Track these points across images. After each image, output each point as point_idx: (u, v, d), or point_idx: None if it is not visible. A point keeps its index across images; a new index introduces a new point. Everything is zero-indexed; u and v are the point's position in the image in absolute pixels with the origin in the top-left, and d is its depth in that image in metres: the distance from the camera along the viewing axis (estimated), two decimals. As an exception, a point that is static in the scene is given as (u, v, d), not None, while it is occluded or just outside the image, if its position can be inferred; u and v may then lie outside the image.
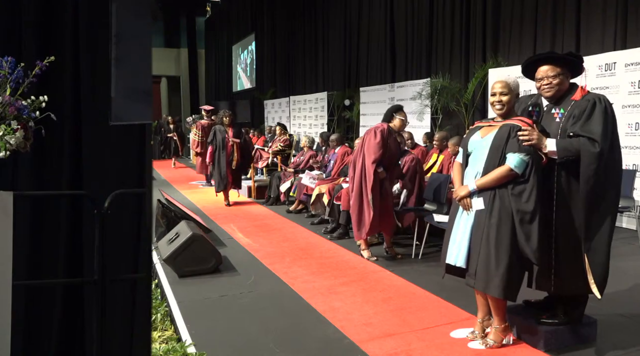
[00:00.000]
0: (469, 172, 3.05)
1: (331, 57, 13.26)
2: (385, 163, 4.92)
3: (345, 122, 12.08)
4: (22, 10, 2.58)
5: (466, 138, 3.13)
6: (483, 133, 3.03)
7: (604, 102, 2.84)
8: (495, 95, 2.96)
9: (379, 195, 4.89)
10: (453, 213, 3.12)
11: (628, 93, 5.67)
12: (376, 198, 4.85)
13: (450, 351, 3.08)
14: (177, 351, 3.08)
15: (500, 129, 2.93)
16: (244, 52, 20.54)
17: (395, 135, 5.08)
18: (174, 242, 4.60)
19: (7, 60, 2.39)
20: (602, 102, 2.83)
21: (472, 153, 3.06)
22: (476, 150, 3.03)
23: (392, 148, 4.98)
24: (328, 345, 3.21)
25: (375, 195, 4.83)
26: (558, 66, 2.95)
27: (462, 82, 8.46)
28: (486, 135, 3.00)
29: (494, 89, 2.98)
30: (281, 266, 4.90)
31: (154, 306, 3.79)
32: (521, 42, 7.48)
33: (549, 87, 2.96)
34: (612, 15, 6.19)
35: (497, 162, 2.89)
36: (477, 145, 3.02)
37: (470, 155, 3.08)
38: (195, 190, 10.09)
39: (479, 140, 3.02)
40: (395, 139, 5.08)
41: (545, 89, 2.98)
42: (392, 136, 5.01)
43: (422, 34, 9.57)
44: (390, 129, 4.98)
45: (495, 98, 2.96)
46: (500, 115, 3.00)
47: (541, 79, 2.99)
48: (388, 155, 4.93)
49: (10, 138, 2.32)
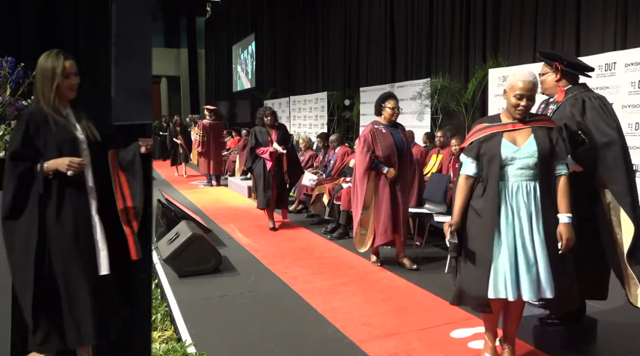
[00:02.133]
0: (513, 188, 2.58)
1: (331, 57, 13.25)
2: (385, 163, 4.60)
3: (345, 122, 12.07)
4: (22, 10, 2.59)
5: (490, 148, 2.61)
6: (515, 140, 2.60)
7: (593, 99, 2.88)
8: (522, 99, 2.56)
9: (384, 201, 4.60)
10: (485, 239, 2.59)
11: (628, 94, 5.66)
12: (380, 204, 4.61)
13: (450, 351, 3.08)
14: (177, 351, 3.08)
15: (537, 135, 2.59)
16: (244, 52, 20.53)
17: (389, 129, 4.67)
18: (174, 242, 4.60)
19: (7, 60, 2.39)
20: (592, 100, 2.87)
21: (509, 166, 2.58)
22: (516, 161, 2.57)
23: (385, 145, 4.60)
24: (328, 345, 3.21)
25: (379, 202, 4.61)
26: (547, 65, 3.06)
27: (462, 82, 8.45)
28: (523, 142, 2.59)
29: (520, 90, 2.56)
30: (281, 266, 4.90)
31: (154, 306, 3.79)
32: (521, 42, 7.47)
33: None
34: (612, 15, 6.19)
35: (551, 173, 2.61)
36: (516, 155, 2.57)
37: (507, 167, 2.58)
38: (195, 190, 10.09)
39: (516, 150, 2.57)
40: (389, 134, 4.65)
41: None
42: (383, 132, 4.64)
43: (422, 34, 9.56)
44: (375, 127, 4.65)
45: (522, 103, 2.57)
46: (520, 118, 2.62)
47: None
48: (384, 154, 4.59)
49: (10, 138, 2.32)
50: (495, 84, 7.49)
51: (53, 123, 2.33)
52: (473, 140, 2.68)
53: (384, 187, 4.63)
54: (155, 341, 3.33)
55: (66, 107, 2.41)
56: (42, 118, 2.32)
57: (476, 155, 2.66)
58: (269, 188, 6.29)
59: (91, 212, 2.40)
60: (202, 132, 10.16)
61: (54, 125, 2.33)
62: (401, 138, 4.73)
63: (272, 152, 6.25)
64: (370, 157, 4.60)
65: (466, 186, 2.68)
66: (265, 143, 6.30)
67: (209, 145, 10.22)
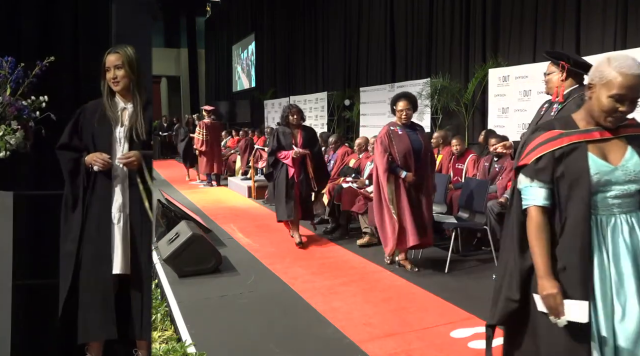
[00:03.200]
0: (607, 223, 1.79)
1: (331, 57, 13.25)
2: (402, 165, 4.51)
3: (345, 122, 12.07)
4: (22, 10, 2.58)
5: (572, 166, 1.78)
6: (606, 155, 1.80)
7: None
8: (622, 101, 1.72)
9: (405, 206, 4.49)
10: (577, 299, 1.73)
11: (628, 93, 5.67)
12: (402, 209, 4.49)
13: (450, 351, 3.08)
14: (177, 351, 3.08)
15: (635, 147, 1.81)
16: (244, 52, 20.53)
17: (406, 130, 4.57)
18: (174, 242, 4.60)
19: (7, 60, 2.39)
20: None
21: (601, 193, 1.78)
22: (613, 186, 1.78)
23: (401, 147, 4.52)
24: (328, 345, 3.21)
25: (400, 206, 4.49)
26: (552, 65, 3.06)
27: (462, 82, 8.45)
28: (618, 159, 1.79)
29: (620, 89, 1.71)
30: (281, 266, 4.90)
31: (154, 306, 3.79)
32: (521, 42, 7.47)
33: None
34: (612, 15, 6.19)
35: None
36: (611, 177, 1.77)
37: (597, 194, 1.78)
38: (195, 190, 10.09)
39: (611, 169, 1.77)
40: (406, 135, 4.56)
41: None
42: (400, 133, 4.57)
43: (422, 34, 9.56)
44: (391, 128, 4.60)
45: (622, 108, 1.73)
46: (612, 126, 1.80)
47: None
48: (400, 156, 4.51)
49: (10, 138, 2.33)
50: (495, 84, 7.50)
51: (99, 117, 2.44)
52: (543, 154, 1.81)
53: (403, 192, 4.53)
54: (155, 341, 3.32)
55: (127, 103, 2.48)
56: (93, 111, 2.45)
57: (551, 177, 1.81)
58: (291, 198, 5.53)
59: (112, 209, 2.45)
60: (205, 131, 10.17)
61: (98, 119, 2.44)
62: (419, 140, 4.61)
63: (294, 157, 5.50)
64: (388, 158, 4.52)
65: (545, 223, 1.80)
66: (289, 145, 5.55)
67: (212, 144, 10.25)
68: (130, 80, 2.44)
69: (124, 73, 2.42)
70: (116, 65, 2.41)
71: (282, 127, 5.72)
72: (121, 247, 2.42)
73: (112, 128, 2.44)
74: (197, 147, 10.31)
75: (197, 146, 10.30)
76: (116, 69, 2.42)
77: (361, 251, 5.30)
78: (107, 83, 2.44)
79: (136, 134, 2.44)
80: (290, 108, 5.68)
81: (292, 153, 5.49)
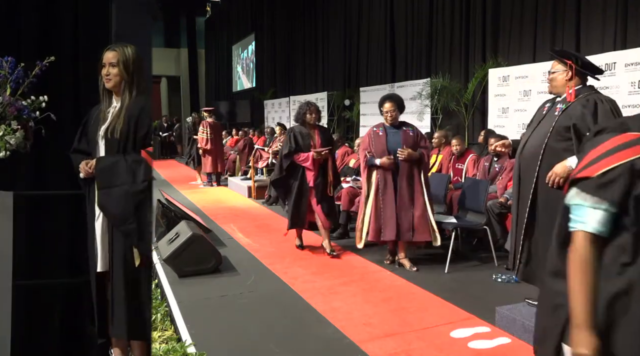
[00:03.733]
0: None
1: (331, 57, 13.25)
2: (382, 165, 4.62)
3: (345, 122, 12.07)
4: (22, 10, 2.58)
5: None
6: None
7: (605, 102, 2.87)
8: None
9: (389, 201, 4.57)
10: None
11: (628, 94, 5.66)
12: (386, 202, 4.58)
13: (450, 351, 3.08)
14: (177, 351, 3.08)
15: None
16: (244, 52, 20.52)
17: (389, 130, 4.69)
18: (174, 242, 4.60)
19: (7, 60, 2.39)
20: (604, 103, 2.86)
21: None
22: None
23: (377, 147, 4.65)
24: (328, 345, 3.21)
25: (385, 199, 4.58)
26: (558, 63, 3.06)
27: (462, 82, 8.45)
28: None
29: None
30: (281, 266, 4.90)
31: (154, 306, 3.79)
32: (521, 42, 7.47)
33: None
34: (612, 15, 6.19)
35: None
36: None
37: None
38: (195, 190, 10.09)
39: None
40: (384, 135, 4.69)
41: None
42: (379, 134, 4.70)
43: (422, 34, 9.56)
44: (374, 129, 4.77)
45: None
46: None
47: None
48: (377, 155, 4.64)
49: (10, 138, 2.33)
50: (495, 84, 7.50)
51: (95, 116, 2.47)
52: (615, 165, 1.35)
53: (389, 187, 4.61)
54: (155, 341, 3.33)
55: (117, 101, 2.48)
56: (96, 113, 2.48)
57: (621, 197, 1.35)
58: (305, 205, 5.16)
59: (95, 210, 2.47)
60: (209, 129, 10.18)
61: (94, 121, 2.47)
62: (398, 141, 4.65)
63: (315, 158, 5.02)
64: (366, 155, 4.76)
65: (594, 256, 1.38)
66: (307, 147, 5.04)
67: (216, 143, 10.26)
68: (123, 79, 2.43)
69: (116, 71, 2.42)
70: (111, 63, 2.42)
71: (298, 126, 5.22)
72: (100, 244, 2.43)
73: (99, 127, 2.46)
74: (201, 145, 10.30)
75: (201, 145, 10.29)
76: (110, 66, 2.42)
77: (361, 251, 5.29)
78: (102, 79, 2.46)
79: (111, 132, 2.42)
80: (309, 106, 5.17)
81: (312, 155, 5.02)
